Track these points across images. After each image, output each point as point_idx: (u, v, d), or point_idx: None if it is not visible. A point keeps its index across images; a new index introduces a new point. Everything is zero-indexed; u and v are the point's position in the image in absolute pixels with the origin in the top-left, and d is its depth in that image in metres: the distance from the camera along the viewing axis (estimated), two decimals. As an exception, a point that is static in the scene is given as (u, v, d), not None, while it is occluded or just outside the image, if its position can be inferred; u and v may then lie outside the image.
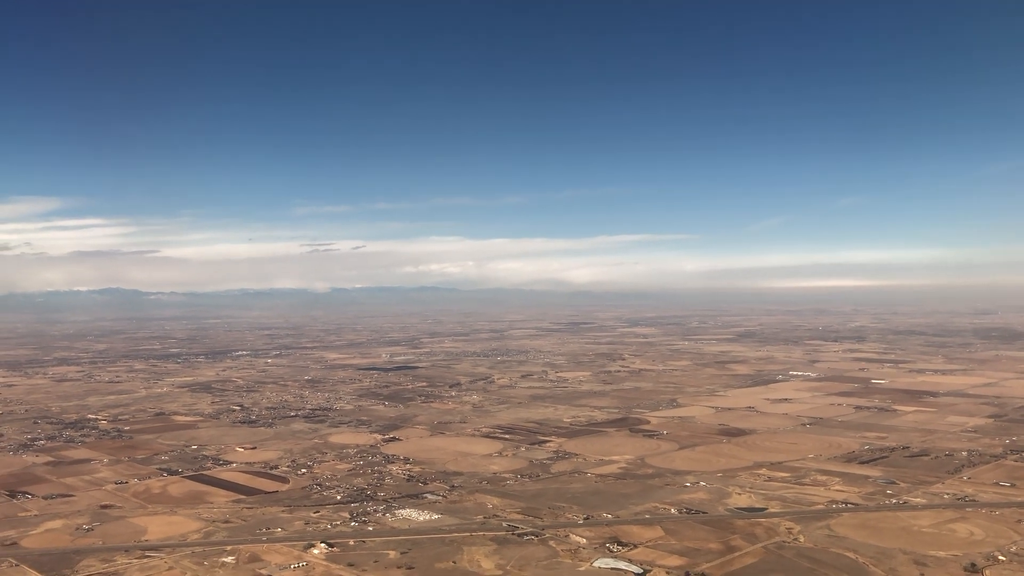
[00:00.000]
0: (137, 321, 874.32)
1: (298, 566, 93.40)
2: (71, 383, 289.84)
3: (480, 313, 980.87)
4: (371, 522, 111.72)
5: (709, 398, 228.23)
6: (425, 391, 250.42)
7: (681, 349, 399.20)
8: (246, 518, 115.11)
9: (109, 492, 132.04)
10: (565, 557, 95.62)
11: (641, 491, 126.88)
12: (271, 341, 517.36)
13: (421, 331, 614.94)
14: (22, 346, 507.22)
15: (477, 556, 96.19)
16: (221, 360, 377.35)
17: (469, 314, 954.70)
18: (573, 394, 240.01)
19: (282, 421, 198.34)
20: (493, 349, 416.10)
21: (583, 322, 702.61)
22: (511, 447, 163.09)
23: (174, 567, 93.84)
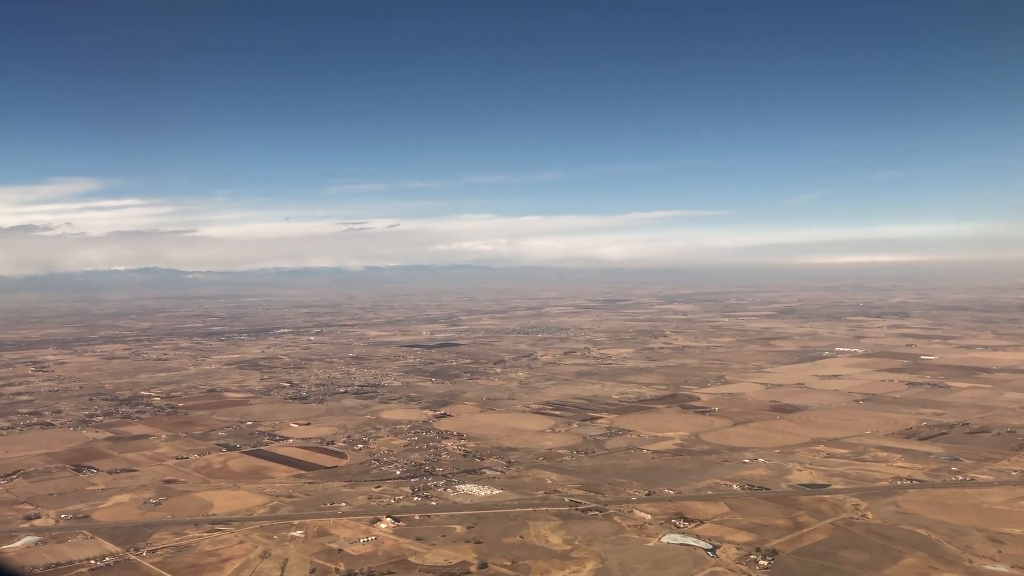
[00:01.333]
0: (177, 300, 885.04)
1: (367, 540, 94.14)
2: (120, 360, 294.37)
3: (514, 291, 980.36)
4: (433, 497, 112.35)
5: (757, 375, 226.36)
6: (470, 368, 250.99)
7: (722, 326, 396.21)
8: (309, 493, 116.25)
9: (171, 467, 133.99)
10: (632, 533, 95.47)
11: (700, 467, 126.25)
12: (311, 319, 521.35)
13: (457, 309, 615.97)
14: (67, 324, 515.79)
15: (543, 531, 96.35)
16: (264, 338, 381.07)
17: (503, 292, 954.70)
18: (618, 371, 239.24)
19: (332, 397, 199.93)
20: (532, 326, 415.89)
21: (619, 299, 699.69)
22: (563, 423, 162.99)
23: (244, 540, 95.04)
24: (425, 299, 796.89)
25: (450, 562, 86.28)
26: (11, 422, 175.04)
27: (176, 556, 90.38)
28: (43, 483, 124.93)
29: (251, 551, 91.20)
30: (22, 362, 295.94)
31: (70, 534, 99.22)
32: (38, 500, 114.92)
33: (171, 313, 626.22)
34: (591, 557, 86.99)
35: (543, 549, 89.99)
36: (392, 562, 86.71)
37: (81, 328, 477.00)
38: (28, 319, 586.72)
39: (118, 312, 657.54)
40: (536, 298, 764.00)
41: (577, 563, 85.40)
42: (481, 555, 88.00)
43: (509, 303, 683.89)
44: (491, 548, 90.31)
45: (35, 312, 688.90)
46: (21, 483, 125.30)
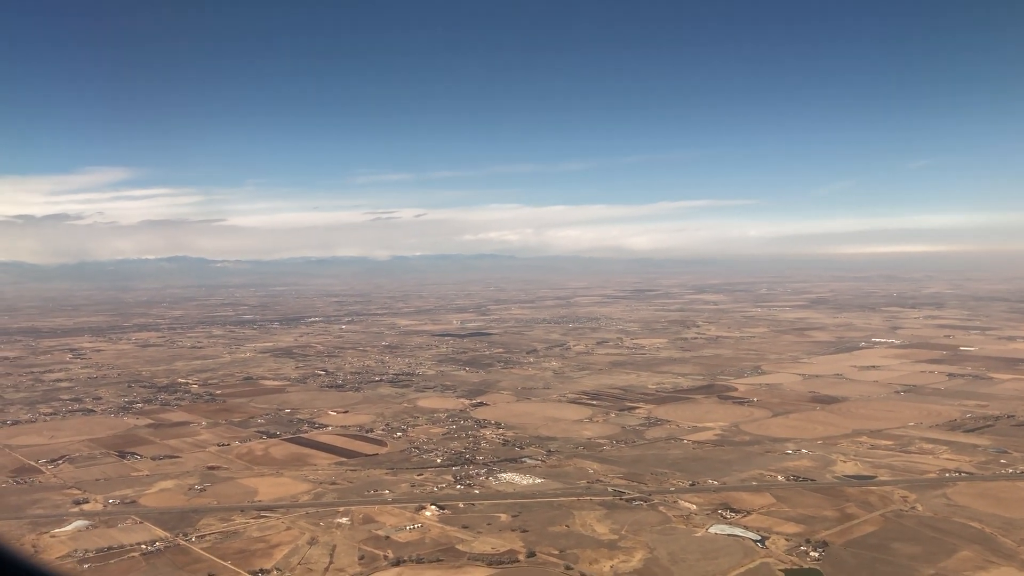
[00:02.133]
0: (207, 288, 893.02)
1: (413, 528, 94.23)
2: (155, 348, 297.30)
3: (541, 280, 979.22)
4: (475, 485, 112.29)
5: (794, 365, 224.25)
6: (503, 357, 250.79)
7: (755, 316, 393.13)
8: (351, 480, 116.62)
9: (213, 454, 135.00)
10: (678, 523, 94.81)
11: (742, 458, 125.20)
12: (341, 308, 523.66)
13: (486, 298, 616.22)
14: (100, 313, 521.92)
15: (589, 520, 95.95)
16: (296, 326, 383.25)
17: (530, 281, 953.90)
18: (653, 361, 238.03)
19: (368, 386, 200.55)
20: (562, 316, 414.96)
21: (648, 289, 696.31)
22: (600, 413, 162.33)
23: (291, 527, 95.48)
24: (453, 289, 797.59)
25: (497, 550, 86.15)
26: (54, 408, 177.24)
27: (225, 542, 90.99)
28: (88, 468, 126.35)
29: (298, 537, 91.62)
30: (59, 349, 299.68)
31: (119, 519, 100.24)
32: (85, 485, 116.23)
33: (202, 302, 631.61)
34: (639, 547, 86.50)
35: (590, 538, 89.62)
36: (439, 549, 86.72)
37: (114, 316, 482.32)
38: (62, 307, 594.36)
39: (149, 300, 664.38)
40: (564, 288, 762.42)
41: (625, 553, 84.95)
42: (528, 544, 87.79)
43: (537, 293, 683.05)
44: (537, 537, 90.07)
45: (68, 300, 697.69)
46: (67, 468, 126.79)
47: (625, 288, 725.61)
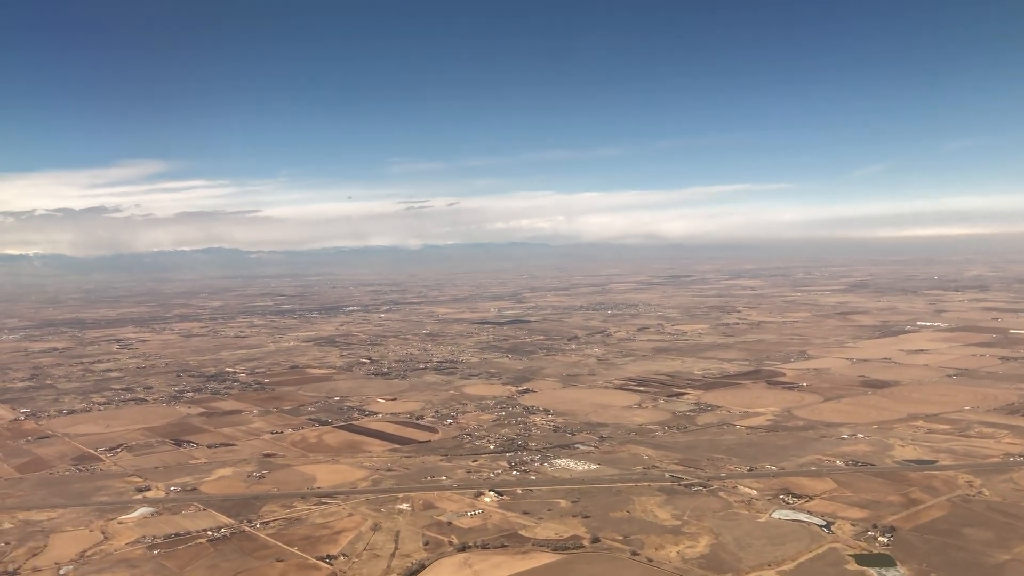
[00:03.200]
0: (243, 279, 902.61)
1: (474, 514, 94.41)
2: (199, 338, 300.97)
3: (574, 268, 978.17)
4: (531, 471, 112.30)
5: (840, 349, 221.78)
6: (545, 344, 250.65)
7: (796, 300, 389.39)
8: (407, 467, 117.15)
9: (268, 441, 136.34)
10: (740, 508, 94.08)
11: (798, 443, 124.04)
12: (377, 297, 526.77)
13: (520, 286, 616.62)
14: (141, 304, 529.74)
15: (649, 506, 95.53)
16: (335, 315, 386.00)
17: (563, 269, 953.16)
18: (696, 347, 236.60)
19: (413, 373, 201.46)
20: (599, 303, 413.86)
21: (683, 275, 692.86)
22: (649, 399, 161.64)
23: (353, 513, 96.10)
24: (486, 277, 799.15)
25: (561, 536, 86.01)
26: (106, 398, 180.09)
27: (289, 528, 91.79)
28: (147, 456, 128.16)
29: (361, 524, 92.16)
30: (105, 340, 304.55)
31: (182, 505, 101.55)
32: (145, 473, 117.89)
33: (240, 292, 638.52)
34: (704, 532, 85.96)
35: (653, 524, 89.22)
36: (503, 535, 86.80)
37: (155, 307, 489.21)
38: (103, 299, 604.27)
39: (188, 291, 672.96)
40: (598, 275, 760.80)
41: (691, 538, 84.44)
42: (591, 529, 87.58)
43: (571, 280, 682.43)
44: (600, 523, 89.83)
45: (108, 292, 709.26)
46: (126, 456, 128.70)
47: (659, 274, 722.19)
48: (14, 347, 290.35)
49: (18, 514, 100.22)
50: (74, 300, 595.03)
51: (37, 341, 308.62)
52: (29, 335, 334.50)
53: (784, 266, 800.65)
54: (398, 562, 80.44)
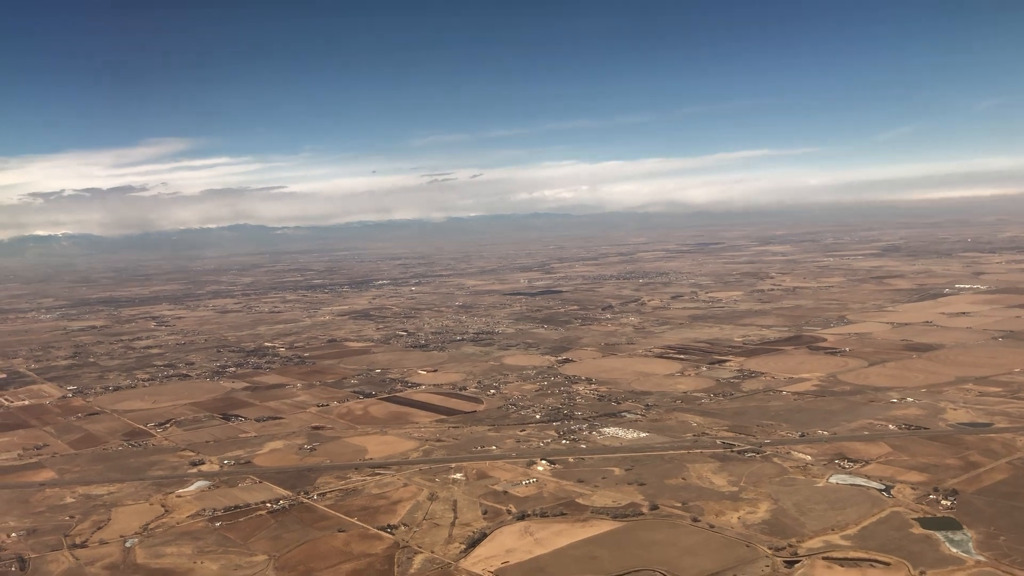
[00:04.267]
0: (270, 255, 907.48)
1: (529, 482, 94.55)
2: (234, 314, 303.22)
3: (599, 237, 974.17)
4: (580, 440, 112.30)
5: (879, 314, 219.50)
6: (579, 314, 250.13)
7: (828, 266, 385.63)
8: (456, 437, 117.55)
9: (314, 414, 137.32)
10: (796, 474, 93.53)
11: (847, 408, 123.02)
12: (406, 270, 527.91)
13: (547, 256, 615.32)
14: (173, 281, 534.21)
15: (704, 472, 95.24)
16: (366, 289, 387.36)
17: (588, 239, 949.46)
18: (733, 314, 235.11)
19: (451, 345, 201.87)
20: (629, 272, 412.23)
21: (711, 242, 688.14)
22: (690, 366, 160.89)
23: (408, 483, 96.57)
24: (512, 248, 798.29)
25: (619, 503, 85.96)
26: (150, 374, 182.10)
27: (347, 499, 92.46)
28: (196, 431, 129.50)
29: (418, 493, 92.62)
30: (141, 317, 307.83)
31: (238, 478, 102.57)
32: (197, 447, 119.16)
33: (268, 268, 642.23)
34: (762, 498, 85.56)
35: (710, 490, 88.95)
36: (560, 503, 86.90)
37: (187, 284, 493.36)
38: (134, 277, 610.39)
39: (217, 268, 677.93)
40: (625, 244, 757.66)
41: (750, 504, 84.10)
42: (648, 497, 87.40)
43: (598, 250, 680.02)
44: (656, 490, 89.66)
45: (138, 270, 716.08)
46: (176, 431, 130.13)
47: (687, 242, 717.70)
48: (53, 326, 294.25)
49: (78, 488, 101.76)
50: (106, 279, 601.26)
51: (74, 320, 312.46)
52: (66, 314, 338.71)
53: (813, 231, 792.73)
54: (459, 531, 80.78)
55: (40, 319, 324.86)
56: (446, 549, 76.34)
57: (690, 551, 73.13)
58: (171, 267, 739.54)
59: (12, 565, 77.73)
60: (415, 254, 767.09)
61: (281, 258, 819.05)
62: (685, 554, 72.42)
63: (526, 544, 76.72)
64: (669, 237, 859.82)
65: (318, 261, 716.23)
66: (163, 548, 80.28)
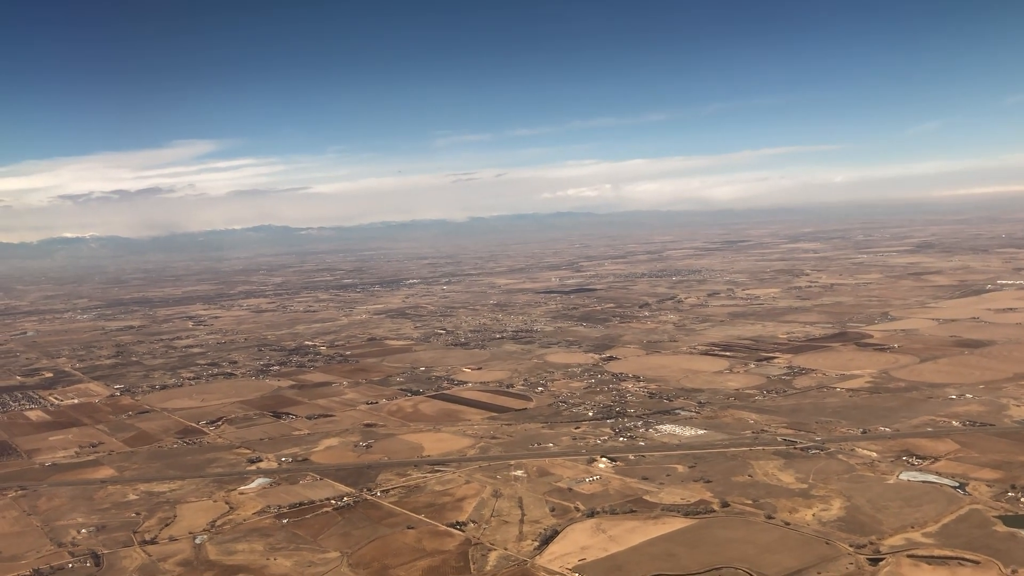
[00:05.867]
0: (296, 255, 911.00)
1: (592, 480, 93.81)
2: (270, 313, 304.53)
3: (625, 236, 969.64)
4: (638, 437, 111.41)
5: (923, 310, 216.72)
6: (616, 312, 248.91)
7: (863, 262, 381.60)
8: (510, 434, 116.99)
9: (365, 412, 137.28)
10: (864, 471, 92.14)
11: (905, 405, 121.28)
12: (434, 269, 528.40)
13: (575, 255, 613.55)
14: (203, 282, 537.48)
15: (770, 469, 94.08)
16: (397, 288, 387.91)
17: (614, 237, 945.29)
18: (773, 311, 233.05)
19: (492, 343, 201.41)
20: (660, 270, 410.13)
21: (738, 240, 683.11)
22: (738, 363, 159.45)
23: (470, 481, 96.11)
24: (538, 247, 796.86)
25: (688, 501, 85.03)
26: (194, 372, 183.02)
27: (410, 496, 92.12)
28: (249, 428, 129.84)
29: (481, 491, 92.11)
30: (178, 317, 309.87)
31: (299, 475, 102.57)
32: (252, 444, 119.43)
33: (297, 268, 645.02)
34: (834, 495, 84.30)
35: (779, 488, 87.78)
36: (628, 500, 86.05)
37: (218, 284, 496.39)
38: (164, 278, 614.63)
39: (245, 269, 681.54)
40: (651, 242, 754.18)
41: (822, 501, 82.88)
42: (717, 494, 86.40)
43: (625, 248, 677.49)
44: (724, 487, 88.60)
45: (167, 271, 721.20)
46: (228, 429, 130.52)
47: (714, 240, 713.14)
48: (91, 326, 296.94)
49: (139, 486, 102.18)
50: (136, 280, 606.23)
51: (111, 320, 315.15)
52: (102, 314, 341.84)
53: (840, 228, 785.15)
54: (529, 528, 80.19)
55: (77, 319, 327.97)
56: (519, 546, 75.76)
57: (769, 548, 72.11)
58: (199, 268, 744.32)
59: (87, 561, 78.10)
60: (441, 254, 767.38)
61: (307, 258, 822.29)
62: (764, 552, 71.40)
63: (600, 541, 76.01)
64: (695, 235, 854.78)
65: (345, 261, 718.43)
66: (233, 545, 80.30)
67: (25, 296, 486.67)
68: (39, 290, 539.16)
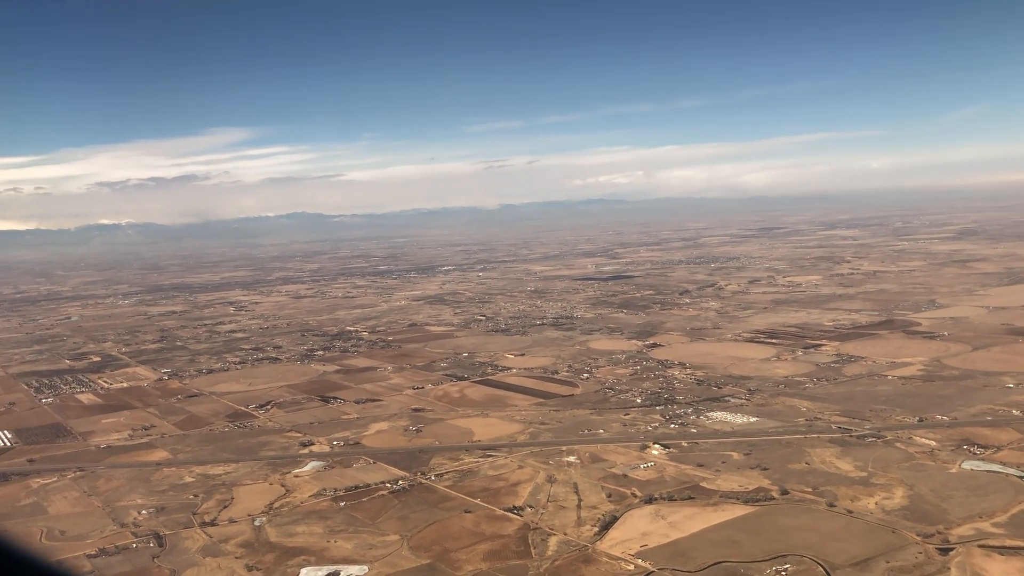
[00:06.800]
0: (330, 242, 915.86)
1: (647, 466, 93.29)
2: (309, 299, 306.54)
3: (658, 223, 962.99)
4: (689, 424, 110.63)
5: (971, 298, 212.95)
6: (656, 299, 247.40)
7: (905, 249, 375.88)
8: (559, 420, 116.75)
9: (412, 396, 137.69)
10: (924, 459, 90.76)
11: (961, 393, 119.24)
12: (468, 256, 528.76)
13: (609, 242, 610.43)
14: (240, 268, 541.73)
15: (827, 457, 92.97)
16: (433, 275, 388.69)
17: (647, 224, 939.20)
18: (816, 298, 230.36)
19: (532, 329, 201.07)
20: (697, 257, 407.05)
21: (774, 227, 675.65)
22: (785, 351, 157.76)
23: (523, 466, 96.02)
24: (570, 234, 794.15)
25: (746, 488, 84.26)
26: (239, 357, 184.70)
27: (465, 480, 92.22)
28: (298, 412, 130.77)
29: (534, 476, 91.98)
30: (218, 303, 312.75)
31: (352, 459, 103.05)
32: (303, 428, 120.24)
33: (331, 255, 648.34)
34: (896, 484, 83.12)
35: (838, 475, 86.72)
36: (685, 487, 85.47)
37: (255, 271, 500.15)
38: (201, 264, 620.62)
39: (280, 255, 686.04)
40: (685, 229, 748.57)
41: (884, 490, 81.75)
42: (775, 481, 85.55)
43: (659, 235, 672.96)
44: (781, 475, 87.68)
45: (203, 257, 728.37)
46: (278, 412, 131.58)
47: (749, 227, 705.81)
48: (134, 311, 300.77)
49: (194, 468, 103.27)
50: (173, 266, 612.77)
51: (152, 305, 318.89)
52: (143, 299, 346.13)
53: (878, 215, 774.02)
54: (587, 513, 79.95)
55: (119, 304, 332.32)
56: (579, 531, 75.55)
57: (833, 536, 71.26)
58: (234, 254, 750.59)
59: (150, 541, 79.05)
60: (473, 241, 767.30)
61: (341, 245, 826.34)
62: (829, 539, 70.57)
63: (660, 528, 75.57)
64: (729, 222, 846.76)
65: (378, 248, 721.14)
66: (293, 527, 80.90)
67: (66, 282, 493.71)
68: (79, 276, 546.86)
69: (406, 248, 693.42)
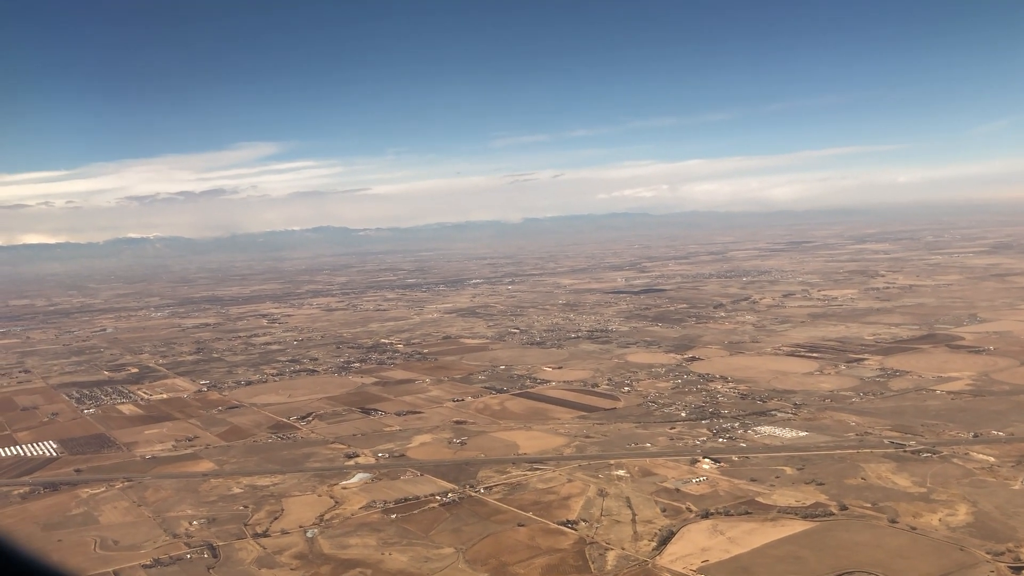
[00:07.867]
0: (356, 256, 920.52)
1: (699, 480, 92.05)
2: (341, 312, 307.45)
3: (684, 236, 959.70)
4: (737, 438, 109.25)
5: (1013, 312, 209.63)
6: (691, 312, 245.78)
7: (940, 264, 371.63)
8: (604, 434, 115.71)
9: (452, 409, 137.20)
10: (984, 475, 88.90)
11: (1014, 408, 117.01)
12: (495, 269, 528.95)
13: (636, 256, 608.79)
14: (269, 281, 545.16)
15: (883, 473, 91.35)
16: (462, 288, 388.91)
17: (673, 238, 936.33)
18: (854, 312, 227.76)
19: (568, 342, 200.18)
20: (727, 270, 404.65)
21: (802, 241, 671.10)
22: (828, 365, 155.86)
23: (572, 479, 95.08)
24: (596, 248, 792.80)
25: (803, 503, 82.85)
26: (277, 369, 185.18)
27: (515, 493, 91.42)
28: (339, 424, 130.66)
29: (585, 489, 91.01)
30: (251, 315, 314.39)
31: (399, 471, 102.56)
32: (346, 440, 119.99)
33: (359, 268, 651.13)
34: (958, 500, 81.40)
35: (896, 491, 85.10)
36: (740, 502, 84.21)
37: (284, 284, 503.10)
38: (230, 277, 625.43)
39: (308, 269, 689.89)
40: (712, 243, 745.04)
41: (946, 506, 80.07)
42: (832, 496, 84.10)
43: (686, 249, 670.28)
44: (838, 490, 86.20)
45: (231, 271, 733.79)
46: (319, 424, 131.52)
47: (777, 241, 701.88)
48: (168, 323, 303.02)
49: (242, 479, 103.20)
50: (203, 279, 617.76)
51: (185, 317, 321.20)
52: (175, 312, 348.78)
53: (908, 229, 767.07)
54: (643, 528, 78.88)
55: (152, 317, 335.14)
56: (636, 546, 74.50)
57: (900, 554, 69.79)
58: (262, 268, 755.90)
59: (204, 552, 78.87)
60: (499, 254, 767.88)
61: (367, 259, 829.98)
62: (896, 557, 69.12)
63: (720, 543, 74.37)
64: (757, 236, 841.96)
65: (405, 261, 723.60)
66: (346, 539, 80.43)
67: (98, 294, 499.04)
68: (110, 288, 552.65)
69: (432, 261, 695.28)
